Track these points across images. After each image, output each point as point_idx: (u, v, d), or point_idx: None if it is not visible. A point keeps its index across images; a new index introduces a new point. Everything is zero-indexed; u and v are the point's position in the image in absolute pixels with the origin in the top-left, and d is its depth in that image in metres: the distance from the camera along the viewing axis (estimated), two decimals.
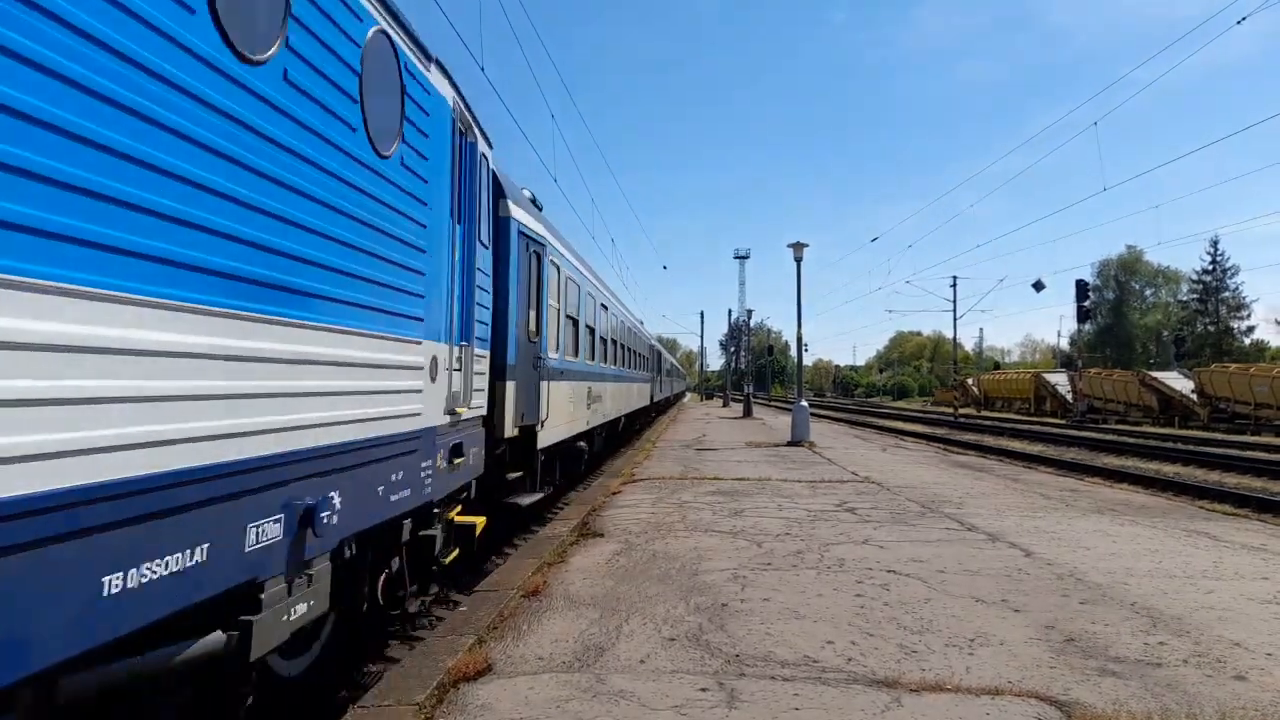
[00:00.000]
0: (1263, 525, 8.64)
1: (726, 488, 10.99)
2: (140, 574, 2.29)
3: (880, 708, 3.49)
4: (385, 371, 4.09)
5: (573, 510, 9.64)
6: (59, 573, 2.01)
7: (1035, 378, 50.83)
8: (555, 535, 7.75)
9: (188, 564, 2.51)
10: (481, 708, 3.52)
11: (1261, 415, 30.87)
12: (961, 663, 4.07)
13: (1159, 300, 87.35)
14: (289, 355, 3.11)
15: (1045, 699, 3.60)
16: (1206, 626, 4.72)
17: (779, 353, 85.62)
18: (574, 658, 4.15)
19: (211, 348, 2.63)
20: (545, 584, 5.65)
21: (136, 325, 2.29)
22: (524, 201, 8.40)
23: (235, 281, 2.75)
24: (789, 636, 4.49)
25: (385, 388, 4.10)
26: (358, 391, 3.76)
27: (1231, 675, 3.93)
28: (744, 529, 7.81)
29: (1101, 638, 4.48)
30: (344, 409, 3.60)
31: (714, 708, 3.49)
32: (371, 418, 3.92)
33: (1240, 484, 14.32)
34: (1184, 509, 9.80)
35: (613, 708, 3.49)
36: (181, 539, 2.49)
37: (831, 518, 8.54)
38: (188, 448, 2.50)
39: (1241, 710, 3.49)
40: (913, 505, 9.48)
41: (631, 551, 6.76)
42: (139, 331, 2.30)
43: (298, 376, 3.18)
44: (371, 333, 3.90)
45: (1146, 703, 3.56)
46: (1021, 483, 12.13)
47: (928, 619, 4.84)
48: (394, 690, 3.75)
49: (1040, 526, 8.09)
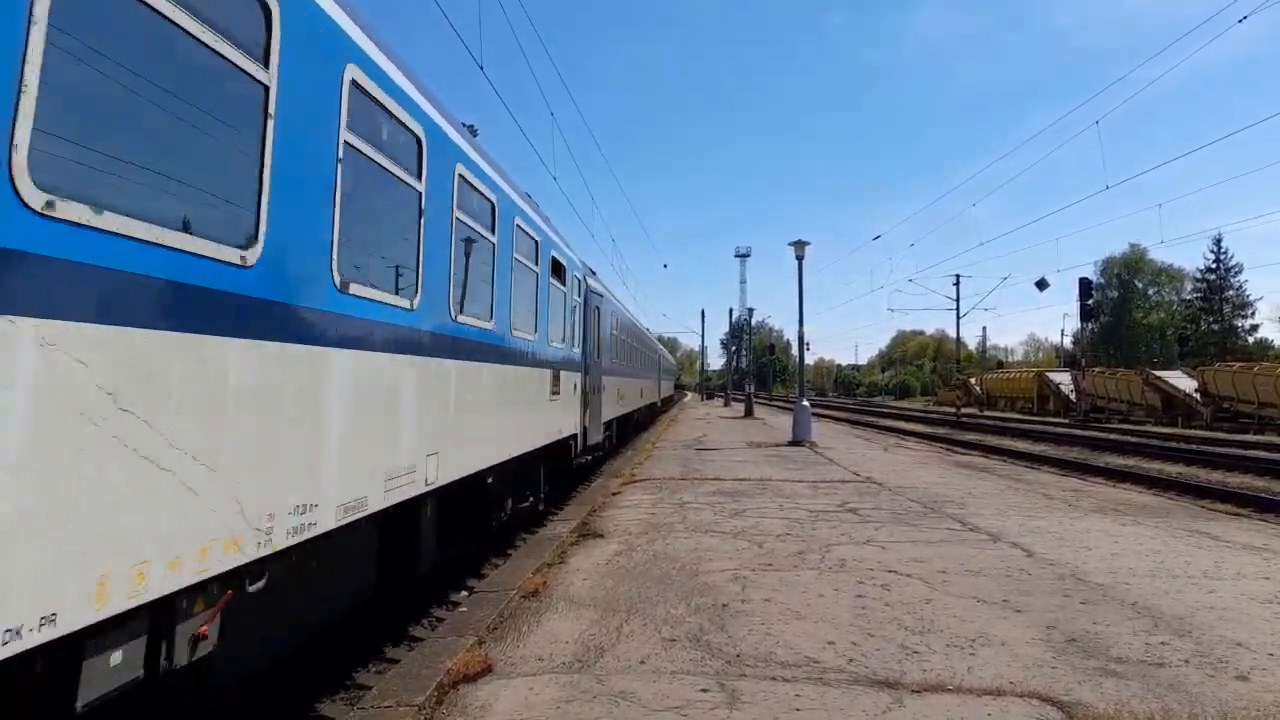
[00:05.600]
0: (1265, 525, 8.61)
1: (727, 488, 10.98)
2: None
3: (881, 708, 3.49)
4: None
5: (573, 511, 9.63)
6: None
7: (1038, 377, 50.68)
8: (555, 536, 7.75)
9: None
10: (481, 709, 3.52)
11: (1265, 414, 30.76)
12: (963, 663, 4.06)
13: (1162, 299, 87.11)
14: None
15: (1047, 699, 3.60)
16: (1208, 626, 4.70)
17: (780, 352, 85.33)
18: (574, 658, 4.14)
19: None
20: (545, 585, 5.65)
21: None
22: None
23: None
24: (790, 637, 4.49)
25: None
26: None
27: (1233, 675, 3.91)
28: (745, 529, 7.80)
29: (1103, 638, 4.47)
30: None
31: (715, 709, 3.48)
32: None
33: (1243, 484, 14.28)
34: (1186, 509, 9.78)
35: (613, 709, 3.48)
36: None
37: (833, 518, 8.53)
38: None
39: (1243, 710, 3.48)
40: (914, 505, 9.47)
41: (632, 552, 6.76)
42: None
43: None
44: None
45: (1148, 703, 3.55)
46: (1024, 483, 12.11)
47: (929, 619, 4.83)
48: (394, 691, 3.75)
49: (1042, 527, 8.08)
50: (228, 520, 2.98)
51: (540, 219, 9.44)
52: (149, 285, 2.61)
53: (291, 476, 3.46)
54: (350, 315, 4.03)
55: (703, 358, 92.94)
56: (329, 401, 3.81)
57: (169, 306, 2.70)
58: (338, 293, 3.88)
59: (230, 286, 3.04)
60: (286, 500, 3.40)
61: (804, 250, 21.40)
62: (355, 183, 4.13)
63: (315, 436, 3.68)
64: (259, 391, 3.22)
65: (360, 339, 4.17)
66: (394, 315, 4.65)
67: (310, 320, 3.64)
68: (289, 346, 3.46)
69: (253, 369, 3.17)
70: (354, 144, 4.10)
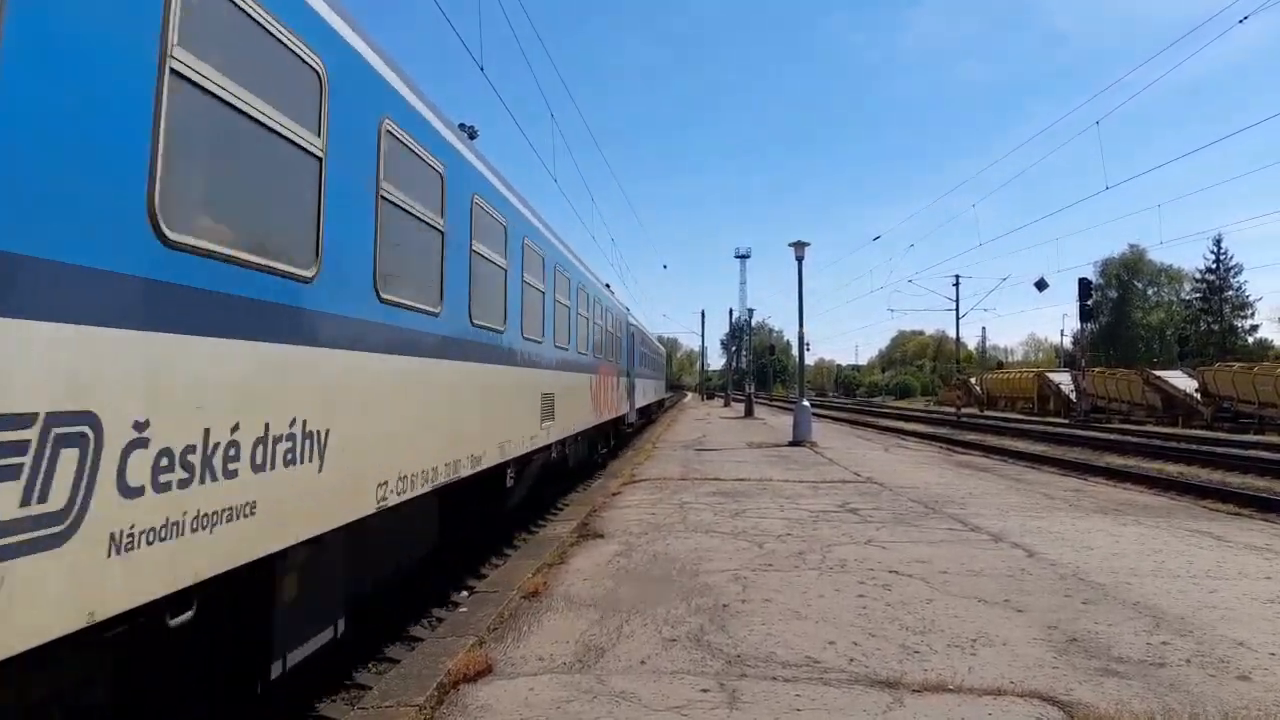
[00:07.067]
0: (1266, 525, 8.60)
1: (727, 488, 10.97)
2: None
3: (882, 708, 3.48)
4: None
5: (573, 511, 9.63)
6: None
7: (1038, 377, 50.64)
8: (555, 536, 7.74)
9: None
10: (482, 709, 3.51)
11: (1265, 414, 30.74)
12: (964, 663, 4.05)
13: (1162, 299, 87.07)
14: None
15: (1048, 699, 3.59)
16: (1209, 626, 4.70)
17: (780, 352, 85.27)
18: (574, 659, 4.14)
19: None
20: (545, 585, 5.64)
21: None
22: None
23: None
24: (790, 637, 4.48)
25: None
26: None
27: (1235, 675, 3.91)
28: (745, 530, 7.79)
29: (1104, 638, 4.47)
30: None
31: (715, 709, 3.48)
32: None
33: (1244, 484, 14.26)
34: (1187, 509, 9.77)
35: (613, 709, 3.48)
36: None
37: (833, 518, 8.52)
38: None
39: (1245, 710, 3.47)
40: (915, 506, 9.46)
41: (632, 552, 6.75)
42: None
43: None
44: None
45: (1149, 703, 3.54)
46: (1024, 483, 12.10)
47: (930, 619, 4.82)
48: (394, 691, 3.74)
49: (1043, 527, 8.07)
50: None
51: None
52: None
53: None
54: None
55: (703, 358, 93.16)
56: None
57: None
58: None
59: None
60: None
61: (804, 250, 21.40)
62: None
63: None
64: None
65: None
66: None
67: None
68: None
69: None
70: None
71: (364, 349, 4.30)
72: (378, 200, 4.52)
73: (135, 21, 2.56)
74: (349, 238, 4.16)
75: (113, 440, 2.39)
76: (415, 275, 5.30)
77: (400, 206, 4.88)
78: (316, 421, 3.67)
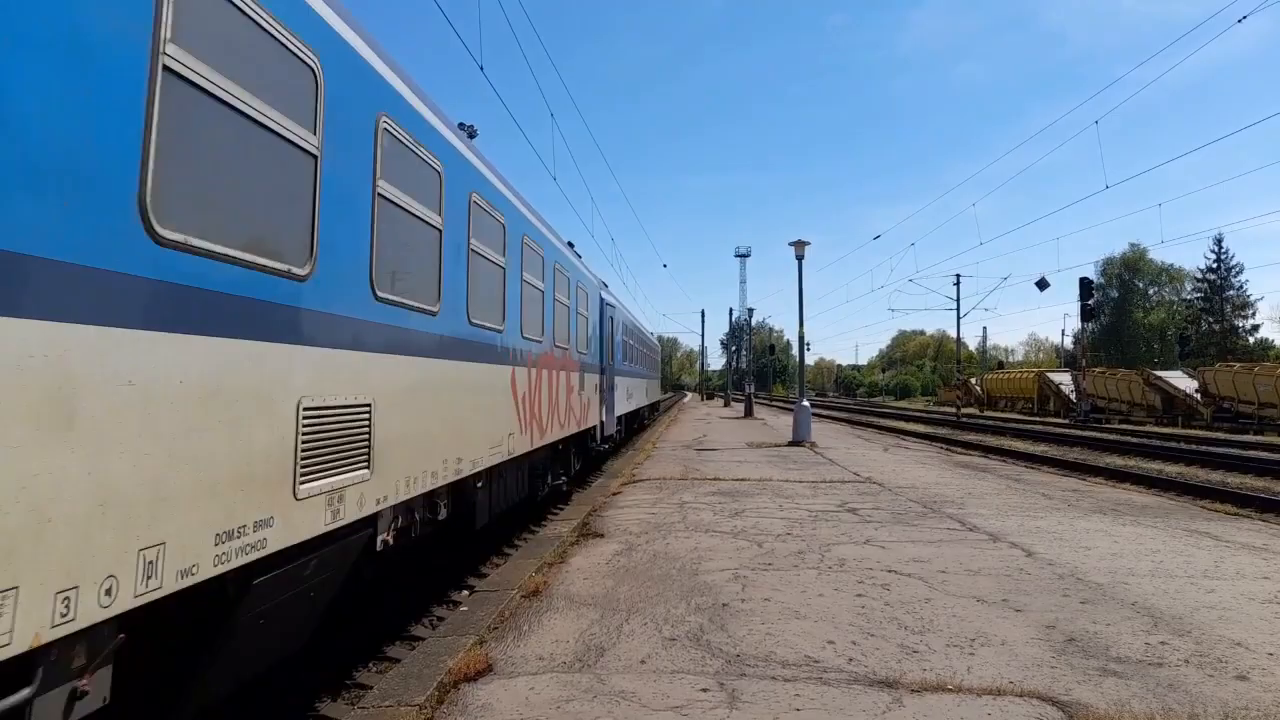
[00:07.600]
0: (1264, 525, 8.61)
1: (727, 488, 10.99)
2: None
3: (881, 708, 3.49)
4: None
5: (573, 510, 9.64)
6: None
7: (1039, 377, 50.65)
8: (556, 535, 7.75)
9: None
10: (482, 708, 3.52)
11: (1265, 415, 30.77)
12: (963, 663, 4.06)
13: (1163, 299, 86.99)
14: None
15: (1046, 699, 3.60)
16: (1208, 626, 4.71)
17: (780, 352, 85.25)
18: (575, 658, 4.15)
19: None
20: (546, 584, 5.65)
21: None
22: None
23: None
24: (790, 637, 4.49)
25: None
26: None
27: (1233, 675, 3.92)
28: (745, 529, 7.81)
29: (1103, 638, 4.48)
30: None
31: (715, 708, 3.49)
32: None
33: (1243, 484, 14.29)
34: (1186, 509, 9.78)
35: (613, 708, 3.49)
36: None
37: (833, 518, 8.54)
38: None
39: (1244, 710, 3.48)
40: (914, 506, 9.47)
41: (632, 552, 6.77)
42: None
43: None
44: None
45: (1148, 703, 3.56)
46: (1024, 483, 12.11)
47: (929, 619, 4.83)
48: (394, 690, 3.76)
49: (1042, 527, 8.08)
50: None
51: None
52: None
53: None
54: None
55: (703, 358, 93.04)
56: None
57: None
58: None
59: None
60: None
61: (804, 250, 21.40)
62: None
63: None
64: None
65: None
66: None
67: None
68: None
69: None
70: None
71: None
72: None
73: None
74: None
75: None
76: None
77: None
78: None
